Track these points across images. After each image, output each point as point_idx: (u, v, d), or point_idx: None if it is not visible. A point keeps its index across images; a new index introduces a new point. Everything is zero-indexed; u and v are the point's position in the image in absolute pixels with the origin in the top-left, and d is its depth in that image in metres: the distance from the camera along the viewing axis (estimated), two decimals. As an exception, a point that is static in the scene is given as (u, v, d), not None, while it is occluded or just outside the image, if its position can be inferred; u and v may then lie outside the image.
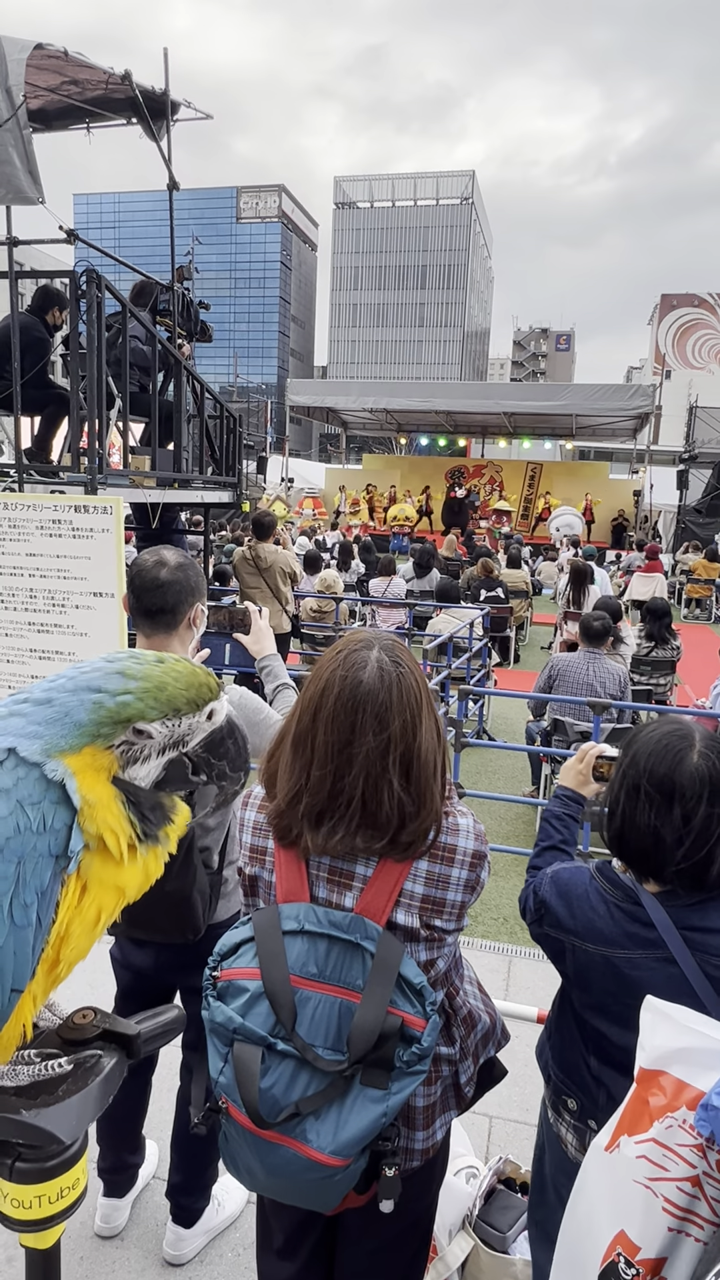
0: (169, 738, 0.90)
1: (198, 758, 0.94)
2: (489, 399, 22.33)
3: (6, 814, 0.80)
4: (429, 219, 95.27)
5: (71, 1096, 0.90)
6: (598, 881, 1.40)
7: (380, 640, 1.27)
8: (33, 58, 4.06)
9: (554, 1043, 1.52)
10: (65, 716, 0.85)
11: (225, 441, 6.53)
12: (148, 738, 0.88)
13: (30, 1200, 0.90)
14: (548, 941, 1.45)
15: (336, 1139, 1.11)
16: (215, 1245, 2.12)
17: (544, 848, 1.64)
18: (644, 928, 1.30)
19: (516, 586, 10.71)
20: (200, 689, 0.91)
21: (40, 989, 0.87)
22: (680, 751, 1.28)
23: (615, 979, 1.32)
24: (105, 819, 0.85)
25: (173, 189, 5.31)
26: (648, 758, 1.31)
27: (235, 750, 0.96)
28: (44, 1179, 0.90)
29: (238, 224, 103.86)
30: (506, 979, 3.38)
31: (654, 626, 6.88)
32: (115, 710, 0.86)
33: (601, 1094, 1.39)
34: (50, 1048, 0.97)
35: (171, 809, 0.94)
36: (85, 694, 0.86)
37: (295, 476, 26.77)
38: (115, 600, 3.38)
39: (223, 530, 15.84)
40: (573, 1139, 1.45)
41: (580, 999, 1.40)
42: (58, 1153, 0.90)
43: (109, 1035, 1.00)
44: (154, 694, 0.88)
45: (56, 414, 5.24)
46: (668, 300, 49.77)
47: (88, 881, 0.85)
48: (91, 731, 0.85)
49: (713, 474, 19.39)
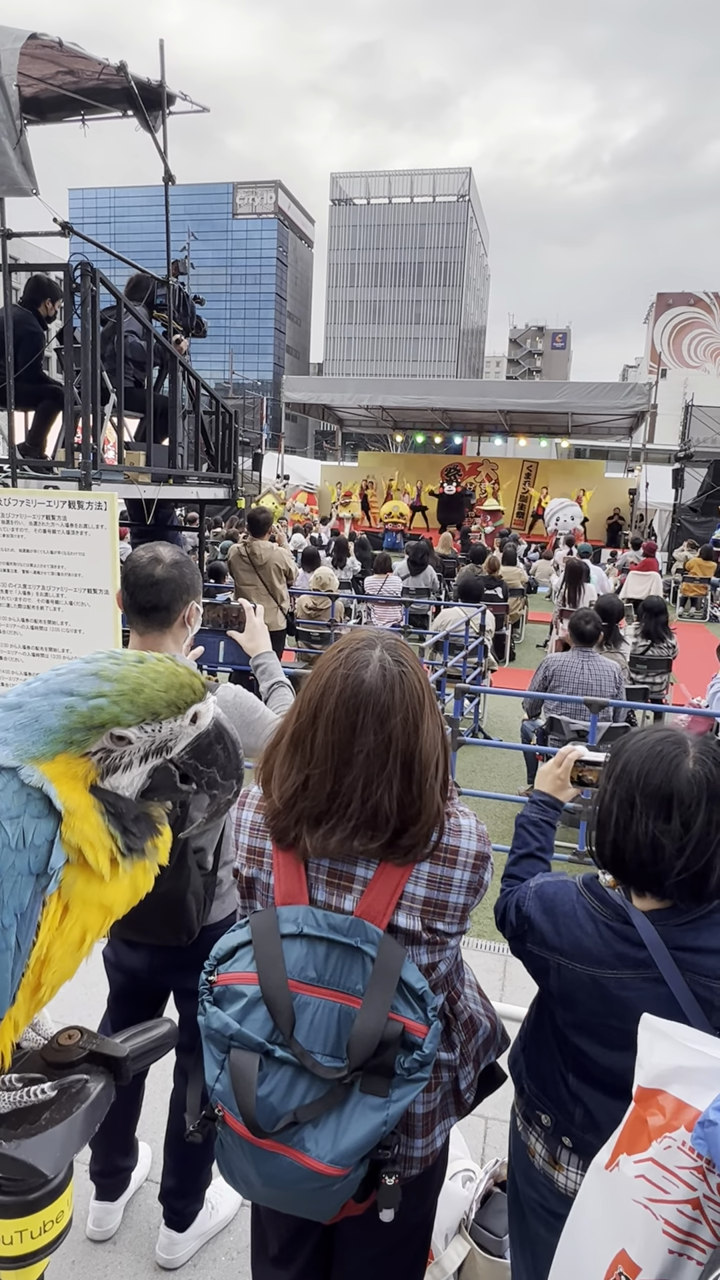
0: (150, 743, 0.85)
1: (184, 764, 0.89)
2: (485, 396, 22.34)
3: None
4: (425, 216, 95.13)
5: (55, 1125, 0.85)
6: (585, 898, 1.36)
7: (383, 639, 1.24)
8: (27, 47, 4.02)
9: (529, 1055, 1.47)
10: (35, 722, 0.81)
11: (221, 438, 6.49)
12: (126, 743, 0.83)
13: (11, 1236, 0.84)
14: (530, 958, 1.40)
15: (335, 1148, 1.08)
16: (208, 1249, 2.10)
17: (520, 855, 1.59)
18: (634, 947, 1.27)
19: (512, 584, 10.70)
20: (181, 690, 0.86)
21: (21, 1014, 0.82)
22: (675, 758, 1.25)
23: (602, 999, 1.28)
24: (84, 830, 0.81)
25: (168, 182, 5.27)
26: (640, 766, 1.26)
27: (225, 756, 0.91)
28: (25, 1213, 0.84)
29: (234, 219, 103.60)
30: (503, 979, 3.36)
31: (650, 624, 6.87)
32: (88, 715, 0.81)
33: (578, 1110, 1.35)
34: (33, 1071, 0.92)
35: (159, 820, 0.89)
36: (57, 698, 0.82)
37: (291, 473, 26.70)
38: (109, 596, 3.35)
39: (217, 527, 15.80)
40: (542, 1149, 1.42)
41: (564, 1017, 1.36)
42: (40, 1185, 0.84)
43: (95, 1057, 0.94)
44: (130, 697, 0.83)
45: (50, 409, 5.20)
46: (664, 299, 49.86)
47: (70, 901, 0.81)
48: (64, 738, 0.81)
49: (708, 473, 19.43)
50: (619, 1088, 1.29)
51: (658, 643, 6.83)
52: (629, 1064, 1.26)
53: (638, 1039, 1.09)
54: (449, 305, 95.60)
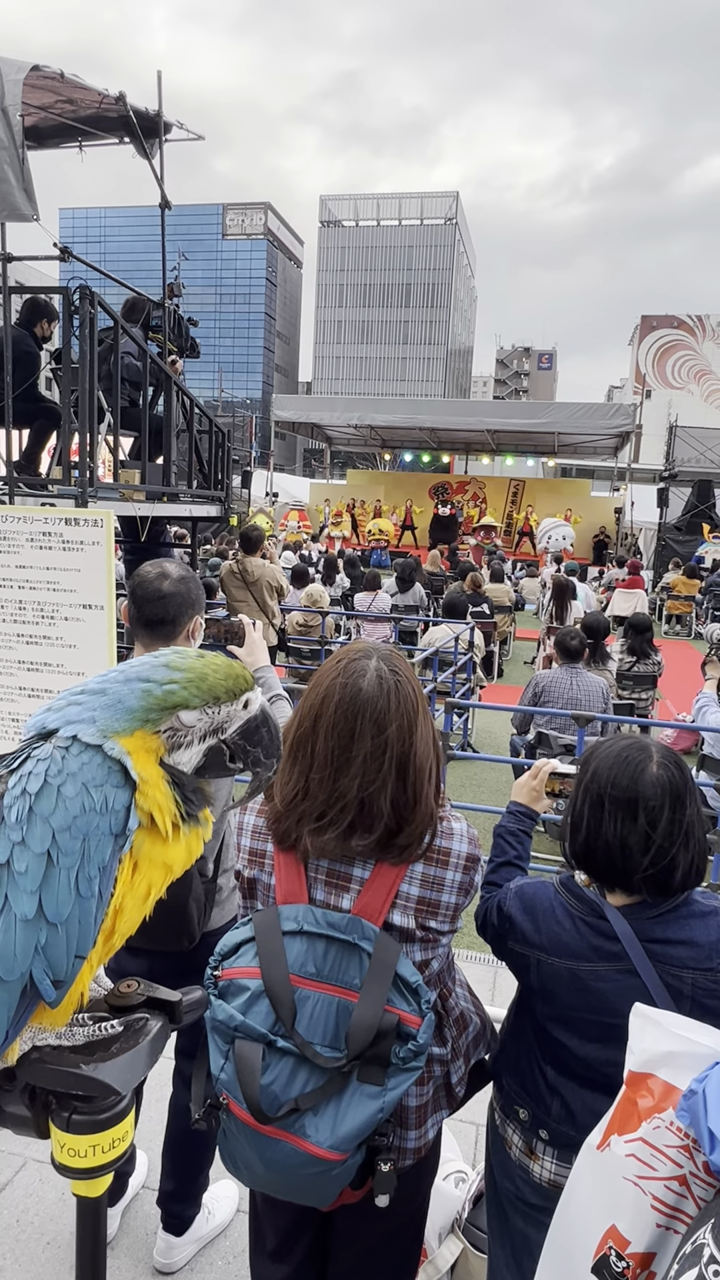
0: (209, 725, 0.98)
1: (235, 745, 1.01)
2: (472, 416, 22.57)
3: (74, 795, 0.87)
4: (413, 238, 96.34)
5: (125, 1053, 0.99)
6: (562, 896, 1.44)
7: (379, 650, 1.32)
8: (29, 78, 4.12)
9: (507, 1052, 1.54)
10: (118, 703, 0.93)
11: (213, 456, 6.58)
12: (190, 724, 0.96)
13: (85, 1150, 0.97)
14: (512, 956, 1.47)
15: (334, 1134, 1.14)
16: (205, 1254, 2.13)
17: (499, 863, 1.66)
18: (609, 941, 1.34)
19: (500, 602, 10.80)
20: (238, 680, 0.99)
21: (97, 957, 0.94)
22: (640, 763, 1.34)
23: (580, 991, 1.35)
24: (155, 797, 0.92)
25: (165, 208, 5.38)
26: (608, 771, 1.35)
27: (269, 738, 1.03)
28: (98, 1130, 0.97)
29: (224, 240, 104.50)
30: (492, 989, 3.41)
31: (635, 641, 6.97)
32: (162, 697, 0.94)
33: (556, 1103, 1.41)
34: (100, 1012, 1.05)
35: (210, 795, 1.01)
36: (135, 683, 0.95)
37: (280, 491, 26.84)
38: (104, 612, 3.40)
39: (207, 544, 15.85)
40: (519, 1140, 1.47)
41: (543, 1010, 1.43)
42: (111, 1105, 0.97)
43: (153, 1002, 1.08)
44: (196, 683, 0.95)
45: (45, 428, 5.27)
46: (648, 321, 50.60)
47: (139, 859, 0.93)
48: (141, 716, 0.93)
49: (692, 492, 19.69)
50: (595, 1080, 1.36)
51: (643, 659, 6.93)
52: (605, 1055, 1.33)
53: (630, 1026, 1.15)
54: (436, 326, 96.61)
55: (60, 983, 0.89)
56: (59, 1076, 0.96)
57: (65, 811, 0.87)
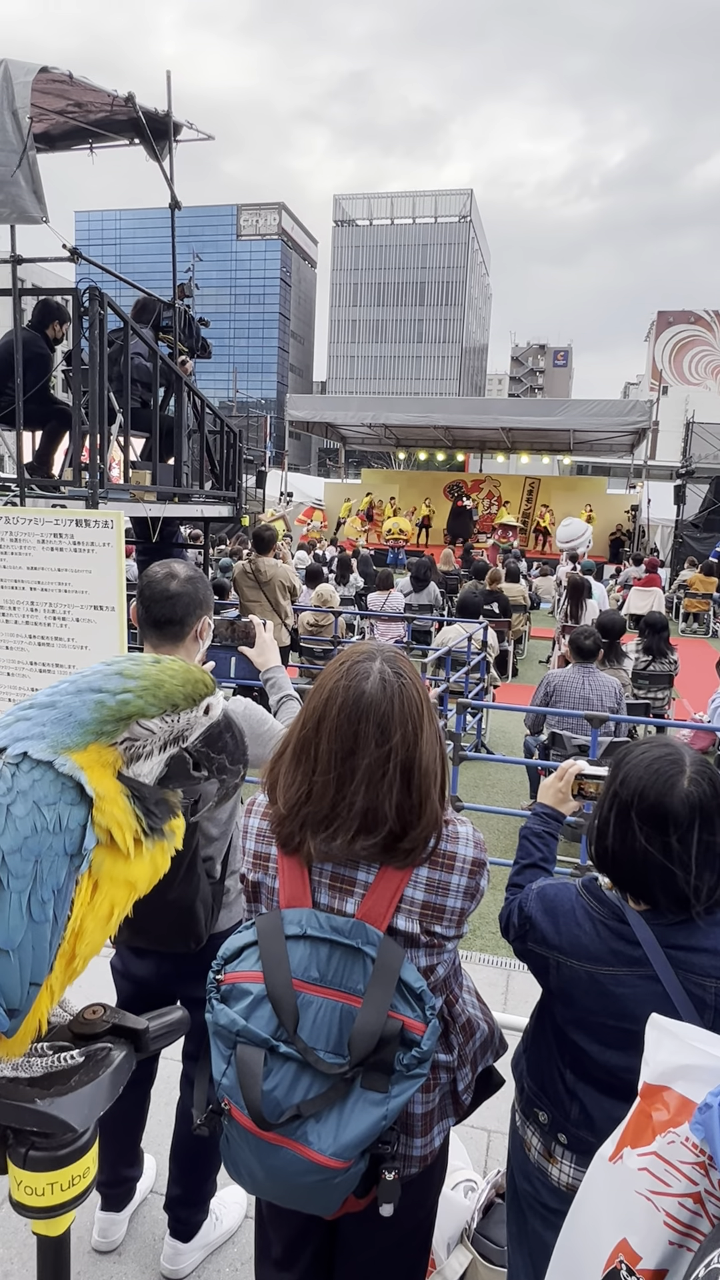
0: (169, 733, 0.94)
1: (198, 752, 0.98)
2: (487, 414, 22.47)
3: (24, 814, 0.84)
4: (427, 236, 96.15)
5: (83, 1087, 0.94)
6: (584, 898, 1.41)
7: (383, 652, 1.29)
8: (38, 81, 4.13)
9: (530, 1055, 1.52)
10: (69, 716, 0.89)
11: (225, 456, 6.58)
12: (149, 733, 0.92)
13: (43, 1188, 0.93)
14: (532, 957, 1.45)
15: (337, 1141, 1.12)
16: (213, 1260, 2.11)
17: (524, 865, 1.64)
18: (630, 945, 1.31)
19: (515, 600, 10.74)
20: (196, 685, 0.96)
21: (58, 983, 0.90)
22: (671, 777, 1.29)
23: (599, 995, 1.33)
24: (113, 813, 0.89)
25: (175, 208, 5.39)
26: (638, 783, 1.31)
27: (233, 743, 1.00)
28: (56, 1167, 0.93)
29: (238, 241, 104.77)
30: (505, 992, 3.38)
31: (652, 640, 6.90)
32: (116, 708, 0.90)
33: (575, 1108, 1.39)
34: (62, 1041, 1.01)
35: (175, 805, 0.97)
36: (87, 694, 0.91)
37: (294, 491, 26.85)
38: (116, 614, 3.40)
39: (221, 545, 15.89)
40: (538, 1143, 1.46)
41: (563, 1013, 1.40)
42: (70, 1141, 0.93)
43: (118, 1030, 1.03)
44: (152, 691, 0.92)
45: (57, 429, 5.29)
46: (664, 317, 50.24)
47: (99, 878, 0.89)
48: (95, 729, 0.89)
49: (710, 489, 19.50)
50: (614, 1085, 1.33)
51: (659, 658, 6.86)
52: (624, 1062, 1.29)
53: (645, 1037, 1.12)
54: (451, 324, 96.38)
55: (15, 1011, 0.86)
56: (12, 1111, 0.92)
57: (15, 832, 0.83)
